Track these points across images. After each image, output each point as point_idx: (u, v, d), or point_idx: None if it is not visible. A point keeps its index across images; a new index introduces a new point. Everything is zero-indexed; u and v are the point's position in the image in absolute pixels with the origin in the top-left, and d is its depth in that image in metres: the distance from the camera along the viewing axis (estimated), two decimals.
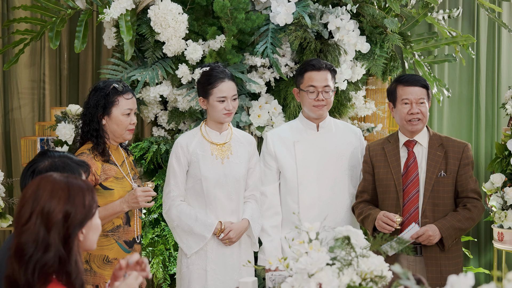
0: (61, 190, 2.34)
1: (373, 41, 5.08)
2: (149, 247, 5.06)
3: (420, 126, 4.06)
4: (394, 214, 3.93)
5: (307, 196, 4.29)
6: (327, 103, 4.27)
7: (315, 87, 4.23)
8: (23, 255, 2.29)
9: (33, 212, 2.31)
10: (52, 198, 2.32)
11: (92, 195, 2.41)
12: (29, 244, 2.29)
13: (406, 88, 4.06)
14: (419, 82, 4.06)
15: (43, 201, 2.32)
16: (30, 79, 6.40)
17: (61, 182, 2.37)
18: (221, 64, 4.27)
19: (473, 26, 6.43)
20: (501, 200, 5.18)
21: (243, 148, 4.25)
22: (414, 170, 4.04)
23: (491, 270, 6.05)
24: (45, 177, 2.39)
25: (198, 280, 4.12)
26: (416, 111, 4.03)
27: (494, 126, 6.46)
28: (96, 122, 3.85)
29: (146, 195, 3.80)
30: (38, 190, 2.34)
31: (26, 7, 5.34)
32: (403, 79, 4.11)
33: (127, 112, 3.88)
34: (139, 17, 4.94)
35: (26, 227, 2.31)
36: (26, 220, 2.31)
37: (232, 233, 4.12)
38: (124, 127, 3.88)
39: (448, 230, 3.91)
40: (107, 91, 3.84)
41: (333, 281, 2.35)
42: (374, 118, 5.64)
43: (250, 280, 3.17)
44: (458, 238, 4.05)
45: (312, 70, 4.25)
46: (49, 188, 2.34)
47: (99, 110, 3.84)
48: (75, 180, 2.40)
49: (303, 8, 4.80)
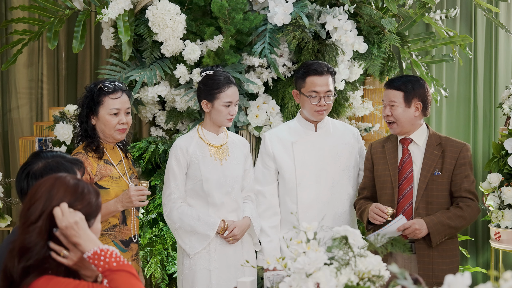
0: (72, 192, 2.35)
1: (370, 41, 5.09)
2: (147, 247, 5.06)
3: (395, 129, 4.12)
4: (386, 206, 3.97)
5: (306, 196, 4.30)
6: (328, 107, 4.28)
7: (318, 93, 4.23)
8: (27, 254, 2.29)
9: (44, 212, 2.32)
10: (63, 199, 2.34)
11: (98, 199, 2.43)
12: (38, 245, 2.30)
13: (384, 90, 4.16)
14: (392, 85, 4.12)
15: (56, 201, 2.33)
16: (28, 79, 6.40)
17: (73, 184, 2.38)
18: (222, 68, 4.29)
19: (471, 26, 6.45)
20: (498, 200, 5.19)
21: (239, 150, 4.29)
22: (409, 167, 4.07)
23: (488, 269, 6.06)
24: (60, 178, 2.39)
25: (202, 281, 4.13)
26: (387, 114, 4.11)
27: (491, 125, 6.47)
28: (86, 122, 3.86)
29: (140, 194, 3.79)
30: (53, 190, 2.35)
31: (24, 7, 5.34)
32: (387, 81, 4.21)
33: (113, 112, 3.85)
34: (137, 17, 4.95)
35: (34, 227, 2.31)
36: (35, 219, 2.32)
37: (236, 230, 4.14)
38: (111, 127, 3.86)
39: (436, 226, 3.92)
40: (94, 92, 3.85)
41: (330, 281, 2.36)
42: (372, 118, 5.65)
43: (248, 279, 3.18)
44: (451, 236, 4.05)
45: (315, 75, 4.24)
46: (63, 190, 2.35)
47: (88, 110, 3.85)
48: (86, 184, 2.42)
49: (301, 9, 4.80)
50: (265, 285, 3.18)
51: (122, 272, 2.31)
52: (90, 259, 2.32)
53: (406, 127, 4.09)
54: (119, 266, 2.32)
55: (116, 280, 2.30)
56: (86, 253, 2.33)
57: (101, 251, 2.33)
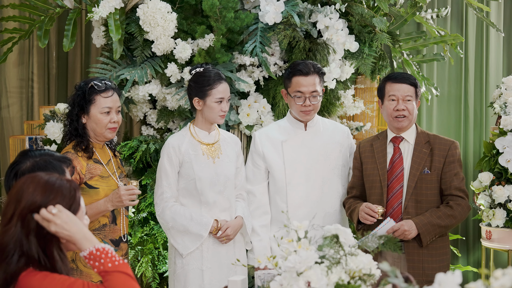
0: (42, 188, 2.34)
1: (362, 40, 5.09)
2: (138, 246, 5.05)
3: (406, 123, 4.08)
4: (376, 205, 3.96)
5: (295, 195, 4.30)
6: (314, 107, 4.27)
7: (302, 93, 4.22)
8: (5, 256, 2.29)
9: (14, 213, 2.31)
10: (34, 197, 2.32)
11: (75, 193, 2.40)
12: (11, 245, 2.29)
13: (394, 84, 4.10)
14: (407, 79, 4.10)
15: (24, 201, 2.31)
16: (19, 78, 6.38)
17: (44, 181, 2.36)
18: (211, 65, 4.28)
19: (462, 26, 6.46)
20: (489, 199, 5.20)
21: (231, 148, 4.28)
22: (399, 166, 4.07)
23: (479, 268, 6.07)
24: (30, 177, 2.38)
25: (194, 280, 4.13)
26: (402, 108, 4.05)
27: (482, 125, 6.49)
28: (77, 121, 3.84)
29: (130, 194, 3.78)
30: (21, 191, 2.34)
31: (15, 5, 5.32)
32: (392, 75, 4.17)
33: (105, 111, 3.83)
34: (128, 15, 4.93)
35: (8, 227, 2.31)
36: (8, 220, 2.32)
37: (229, 230, 4.14)
38: (103, 125, 3.84)
39: (426, 226, 3.93)
40: (85, 90, 3.83)
41: (321, 280, 2.36)
42: (363, 117, 5.65)
43: (239, 278, 3.17)
44: (442, 235, 4.06)
45: (300, 75, 4.22)
46: (32, 188, 2.34)
47: (79, 109, 3.83)
48: (58, 180, 2.39)
49: (292, 7, 4.80)
50: (256, 284, 3.17)
51: (117, 273, 2.31)
52: (86, 258, 2.32)
53: (413, 122, 4.12)
54: (115, 267, 2.31)
55: (111, 281, 2.30)
56: (82, 253, 2.32)
57: (96, 250, 2.32)
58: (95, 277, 3.71)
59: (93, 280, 3.67)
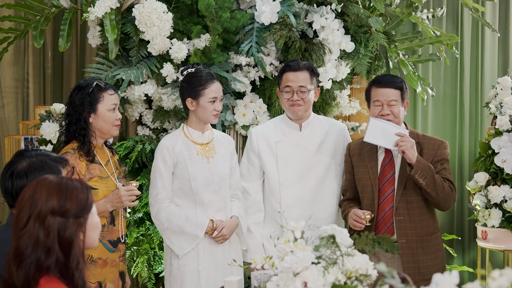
0: (56, 191, 2.33)
1: (357, 40, 5.10)
2: (134, 246, 5.05)
3: None
4: (364, 211, 3.96)
5: (288, 196, 4.30)
6: (303, 103, 4.26)
7: (290, 87, 4.24)
8: (23, 259, 2.28)
9: (30, 216, 2.30)
10: (48, 200, 2.32)
11: (88, 193, 2.40)
12: (29, 248, 2.28)
13: (378, 89, 4.07)
14: (392, 83, 4.05)
15: (40, 204, 2.31)
16: (14, 78, 6.37)
17: (56, 183, 2.36)
18: (203, 65, 4.28)
19: (457, 26, 6.46)
20: (485, 199, 5.21)
21: (225, 148, 4.29)
22: (391, 169, 4.06)
23: (475, 268, 6.08)
24: (41, 180, 2.38)
25: (191, 281, 4.12)
26: (386, 113, 4.03)
27: (477, 125, 6.49)
28: (83, 121, 3.82)
29: (130, 194, 3.79)
30: (35, 194, 2.33)
31: (10, 5, 5.31)
32: (377, 80, 4.14)
33: (112, 108, 3.88)
34: (123, 15, 4.93)
35: (25, 231, 2.30)
36: (24, 224, 2.31)
37: (225, 230, 4.13)
38: (111, 122, 3.88)
39: (423, 161, 3.89)
40: (91, 89, 3.83)
41: (318, 280, 2.36)
42: (359, 117, 5.65)
43: (235, 279, 3.17)
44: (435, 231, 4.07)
45: (289, 71, 4.27)
46: (45, 191, 2.33)
47: (85, 108, 3.82)
48: (69, 181, 2.39)
49: (288, 7, 4.80)
50: (252, 284, 3.17)
51: None
52: None
53: (400, 124, 4.09)
54: None
55: None
56: None
57: None
58: (92, 278, 3.71)
59: (91, 281, 3.68)
